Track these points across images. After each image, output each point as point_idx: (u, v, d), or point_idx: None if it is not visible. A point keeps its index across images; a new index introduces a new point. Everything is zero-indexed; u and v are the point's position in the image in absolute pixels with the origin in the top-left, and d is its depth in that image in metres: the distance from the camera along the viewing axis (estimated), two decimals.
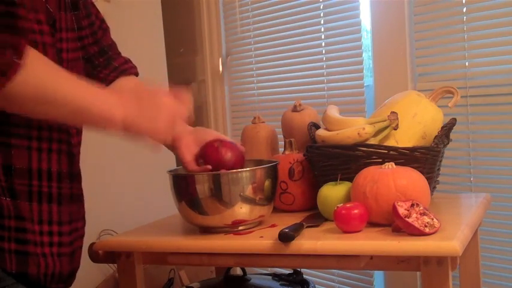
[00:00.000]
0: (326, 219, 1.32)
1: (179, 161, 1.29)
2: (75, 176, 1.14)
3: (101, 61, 1.24)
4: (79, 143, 1.16)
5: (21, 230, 1.00)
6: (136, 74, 1.30)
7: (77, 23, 1.15)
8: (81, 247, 1.16)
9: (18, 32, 0.95)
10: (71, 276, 1.13)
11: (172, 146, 1.27)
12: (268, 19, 2.39)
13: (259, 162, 1.35)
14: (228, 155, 1.26)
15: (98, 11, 1.26)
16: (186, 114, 1.14)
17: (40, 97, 0.94)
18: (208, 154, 1.26)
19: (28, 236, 1.02)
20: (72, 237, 1.12)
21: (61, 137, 1.08)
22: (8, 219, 0.99)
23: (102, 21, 1.27)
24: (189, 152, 1.26)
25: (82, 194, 1.17)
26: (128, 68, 1.28)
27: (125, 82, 1.25)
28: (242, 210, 1.26)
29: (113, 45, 1.29)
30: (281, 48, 2.35)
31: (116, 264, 1.37)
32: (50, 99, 0.95)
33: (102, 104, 1.01)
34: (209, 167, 1.24)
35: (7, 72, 0.90)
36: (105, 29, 1.28)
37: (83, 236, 1.17)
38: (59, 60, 1.07)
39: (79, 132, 1.15)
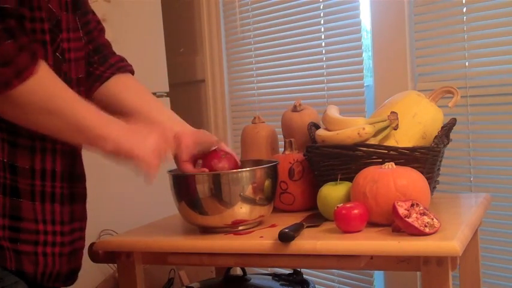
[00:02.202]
0: (326, 219, 1.32)
1: (175, 160, 1.28)
2: (79, 176, 1.14)
3: (95, 59, 1.24)
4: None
5: (16, 229, 1.00)
6: (132, 72, 1.30)
7: (79, 22, 1.16)
8: (82, 247, 1.16)
9: (27, 34, 0.97)
10: (71, 276, 1.13)
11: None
12: (268, 19, 2.39)
13: (259, 162, 1.35)
14: (227, 166, 1.26)
15: (93, 12, 1.26)
16: (170, 153, 1.18)
17: (41, 107, 0.96)
18: (209, 160, 1.26)
19: (25, 235, 1.01)
20: (73, 237, 1.12)
21: None
22: (3, 218, 0.99)
23: (98, 22, 1.27)
24: (187, 152, 1.26)
25: (86, 194, 1.17)
26: (124, 66, 1.28)
27: (121, 79, 1.26)
28: (242, 210, 1.26)
29: (107, 45, 1.29)
30: (281, 48, 2.34)
31: (116, 264, 1.38)
32: (50, 111, 0.97)
33: (98, 121, 1.03)
34: (205, 169, 1.24)
35: (23, 73, 0.92)
36: (101, 30, 1.28)
37: (84, 236, 1.17)
38: (63, 60, 1.07)
39: None
